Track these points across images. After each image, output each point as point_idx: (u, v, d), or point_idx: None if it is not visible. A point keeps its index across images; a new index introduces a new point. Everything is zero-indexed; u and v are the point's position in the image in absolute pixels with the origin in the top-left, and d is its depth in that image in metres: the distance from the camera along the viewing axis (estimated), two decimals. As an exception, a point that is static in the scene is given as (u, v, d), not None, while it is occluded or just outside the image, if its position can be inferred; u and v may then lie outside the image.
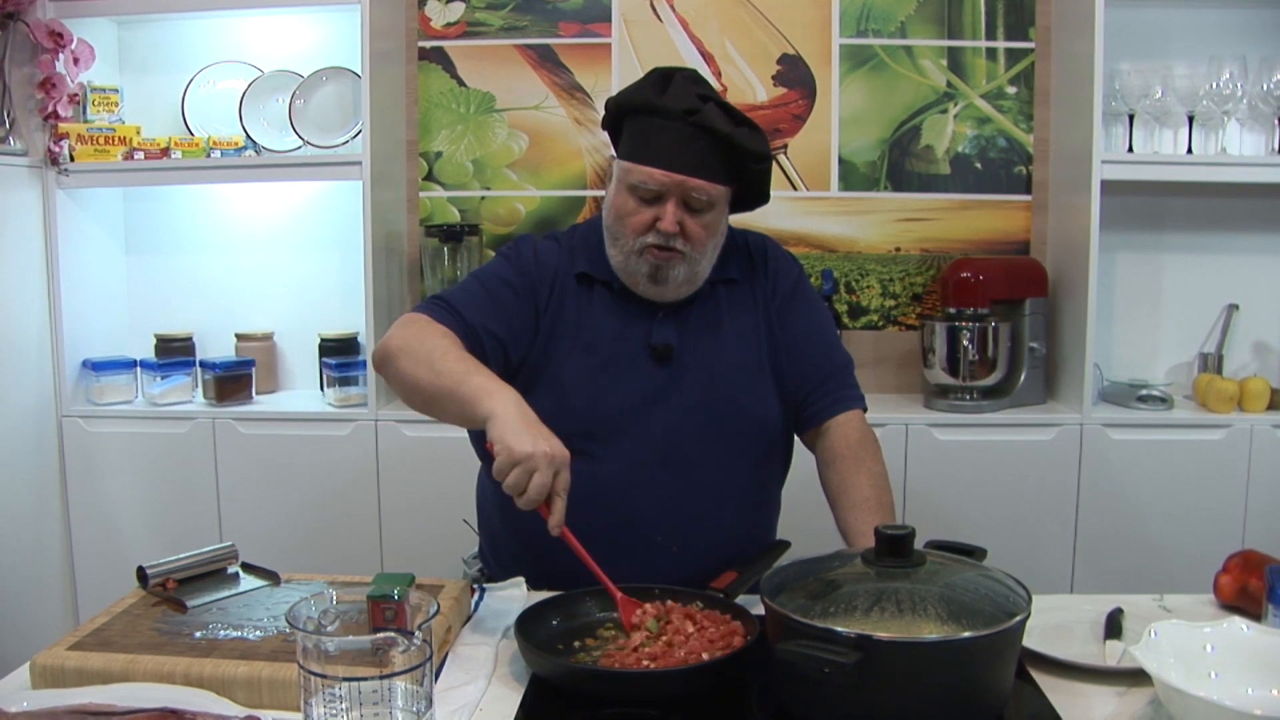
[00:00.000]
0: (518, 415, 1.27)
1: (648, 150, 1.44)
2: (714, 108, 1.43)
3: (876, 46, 2.65)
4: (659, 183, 1.43)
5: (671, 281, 1.49)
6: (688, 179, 1.42)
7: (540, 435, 1.26)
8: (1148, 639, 1.09)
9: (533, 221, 2.71)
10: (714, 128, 1.41)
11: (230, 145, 2.55)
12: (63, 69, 2.45)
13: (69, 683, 1.14)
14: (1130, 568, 2.39)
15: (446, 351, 1.39)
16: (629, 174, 1.46)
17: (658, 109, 1.43)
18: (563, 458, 1.26)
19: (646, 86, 1.46)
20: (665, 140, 1.43)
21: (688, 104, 1.42)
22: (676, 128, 1.42)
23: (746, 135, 1.44)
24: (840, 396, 1.58)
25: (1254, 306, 2.61)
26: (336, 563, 2.42)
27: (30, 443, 2.45)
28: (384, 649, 0.95)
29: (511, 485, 1.23)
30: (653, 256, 1.46)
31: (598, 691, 1.14)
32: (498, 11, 2.68)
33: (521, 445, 1.23)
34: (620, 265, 1.51)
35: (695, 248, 1.46)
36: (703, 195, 1.44)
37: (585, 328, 1.53)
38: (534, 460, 1.23)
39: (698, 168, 1.43)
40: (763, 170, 1.47)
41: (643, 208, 1.46)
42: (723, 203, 1.48)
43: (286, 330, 2.74)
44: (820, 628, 1.01)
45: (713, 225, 1.47)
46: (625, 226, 1.47)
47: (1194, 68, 2.41)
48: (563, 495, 1.25)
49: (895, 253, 2.69)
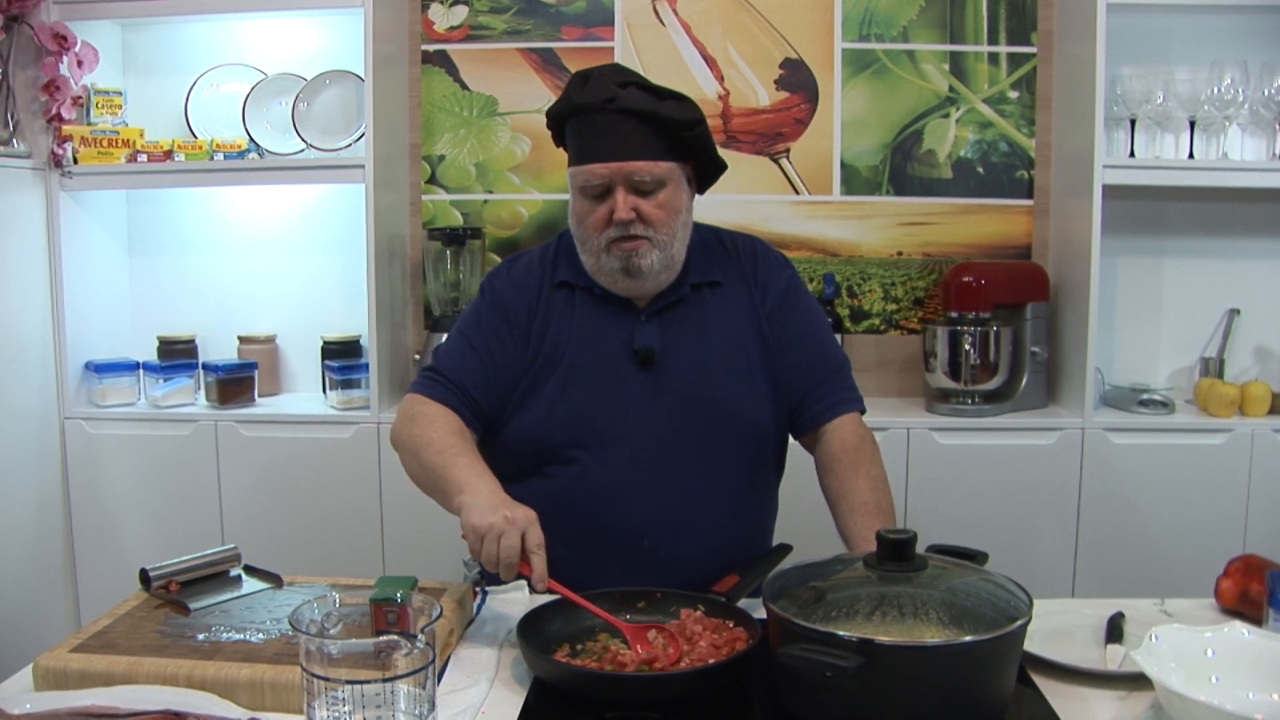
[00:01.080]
0: (482, 501, 1.31)
1: (583, 149, 1.48)
2: (634, 90, 1.45)
3: (879, 51, 2.65)
4: (601, 176, 1.46)
5: (647, 272, 1.49)
6: (624, 164, 1.45)
7: (502, 506, 1.29)
8: (1149, 643, 1.09)
9: (535, 225, 2.72)
10: (634, 108, 1.44)
11: (233, 148, 2.56)
12: (67, 72, 2.46)
13: (72, 685, 1.14)
14: (1131, 572, 2.39)
15: (429, 444, 1.45)
16: (575, 177, 1.50)
17: (580, 106, 1.46)
18: (526, 519, 1.28)
19: (569, 90, 1.50)
20: (594, 134, 1.46)
21: (606, 93, 1.44)
22: (601, 119, 1.45)
23: (672, 107, 1.46)
24: (837, 399, 1.58)
25: (1255, 311, 2.61)
26: (338, 565, 2.42)
27: (32, 445, 2.45)
28: (387, 652, 0.95)
29: (487, 559, 1.27)
30: (619, 250, 1.47)
31: (600, 695, 1.14)
32: (501, 15, 2.69)
33: (482, 520, 1.27)
34: (595, 269, 1.52)
35: (658, 230, 1.47)
36: (646, 175, 1.46)
37: (569, 335, 1.54)
38: (495, 528, 1.26)
39: (632, 150, 1.45)
40: (698, 135, 1.48)
41: (596, 205, 1.48)
42: (674, 180, 1.49)
43: (289, 333, 2.75)
44: (822, 631, 1.02)
45: (669, 204, 1.48)
46: (587, 229, 1.50)
47: (1195, 73, 2.41)
48: (538, 552, 1.27)
49: (897, 257, 2.70)
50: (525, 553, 1.27)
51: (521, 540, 1.26)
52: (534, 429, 1.51)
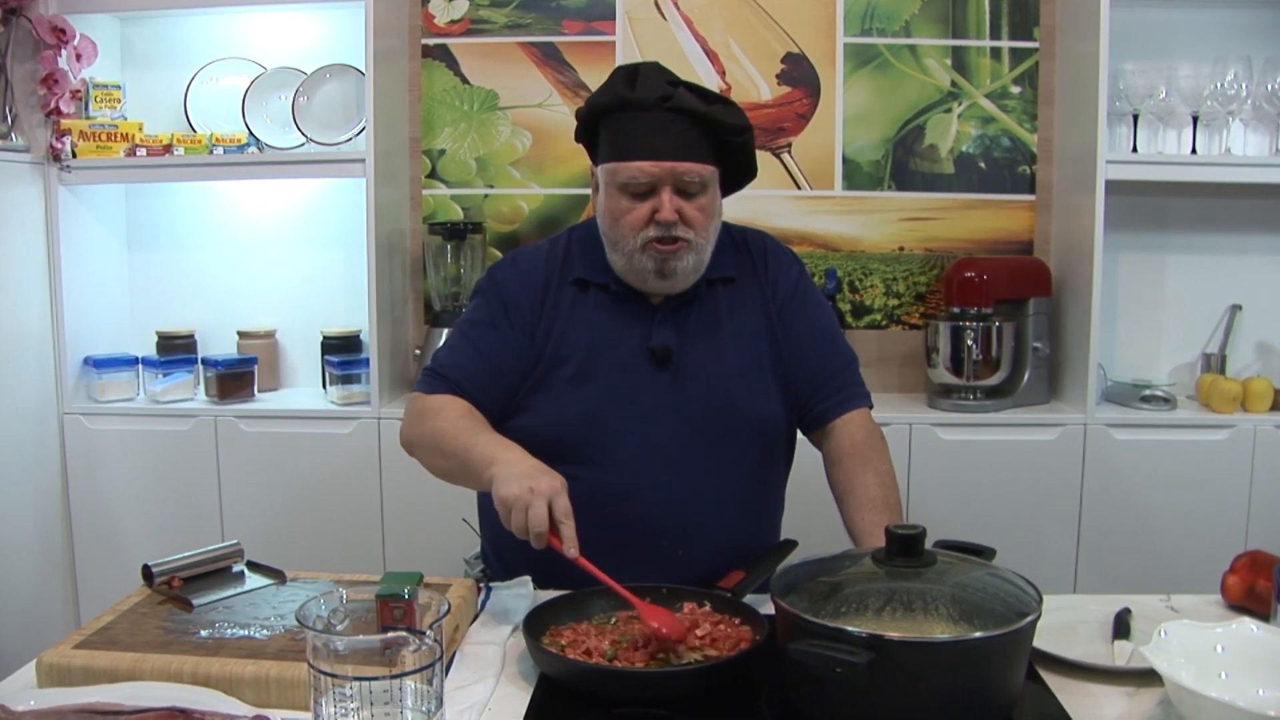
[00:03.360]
0: (512, 470, 1.31)
1: (631, 145, 1.44)
2: (685, 91, 1.44)
3: (881, 46, 2.64)
4: (649, 174, 1.43)
5: (680, 274, 1.48)
6: (677, 164, 1.43)
7: (531, 474, 1.29)
8: (1158, 639, 1.09)
9: (536, 220, 2.71)
10: (691, 109, 1.42)
11: (233, 142, 2.55)
12: (65, 65, 2.45)
13: (75, 681, 1.13)
14: (1134, 567, 2.39)
15: (444, 434, 1.45)
16: (616, 174, 1.46)
17: (631, 102, 1.44)
18: (552, 488, 1.27)
19: (616, 84, 1.47)
20: (646, 131, 1.43)
21: (661, 91, 1.42)
22: (654, 117, 1.42)
23: (723, 111, 1.45)
24: (846, 395, 1.57)
25: (1257, 307, 2.61)
26: (338, 561, 2.41)
27: (31, 440, 2.44)
28: (394, 648, 0.95)
29: (518, 529, 1.27)
30: (656, 251, 1.46)
31: (608, 691, 1.14)
32: (501, 9, 2.67)
33: (508, 491, 1.27)
34: (625, 268, 1.50)
35: (698, 233, 1.46)
36: (694, 177, 1.44)
37: (582, 332, 1.52)
38: (521, 499, 1.26)
39: (684, 151, 1.43)
40: (744, 143, 1.48)
41: (636, 204, 1.45)
42: (714, 183, 1.48)
43: (289, 328, 2.74)
44: (832, 627, 1.01)
45: (708, 207, 1.47)
46: (623, 227, 1.47)
47: (1198, 68, 2.40)
48: (566, 521, 1.26)
49: (899, 252, 2.69)
50: (553, 523, 1.26)
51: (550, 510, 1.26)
52: (547, 426, 1.50)
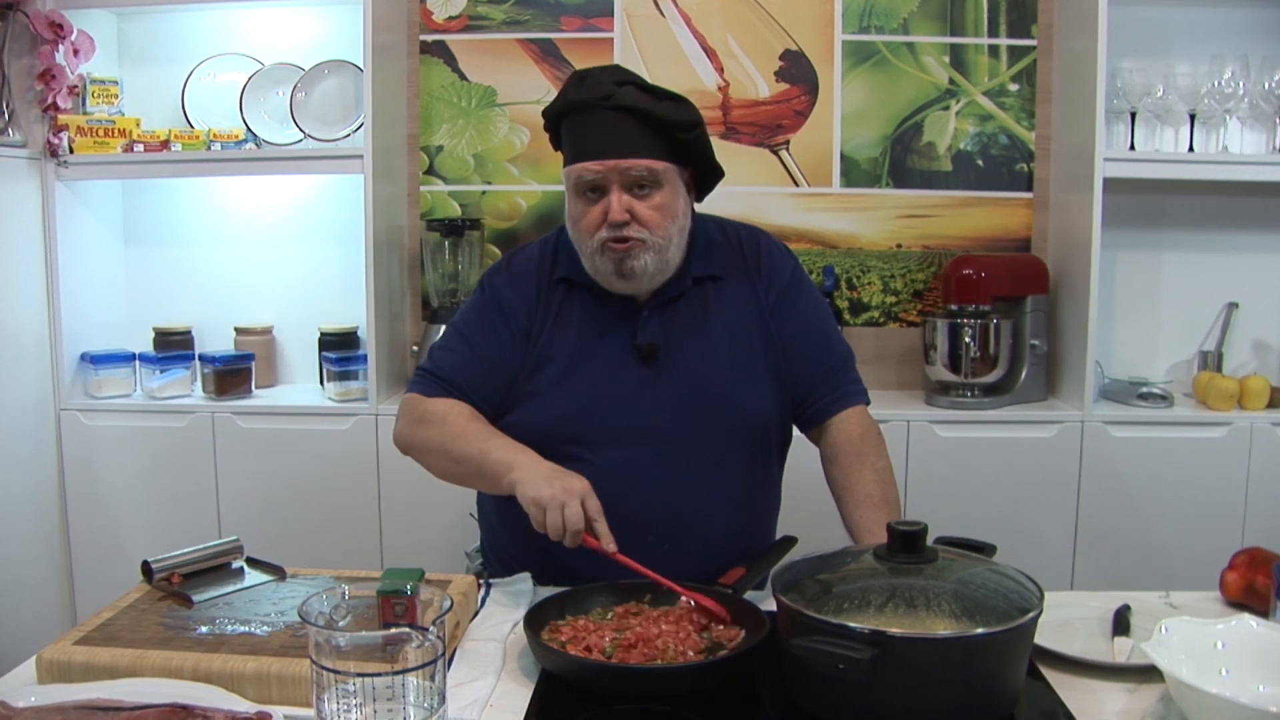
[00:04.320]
0: (536, 473, 1.37)
1: (579, 147, 1.46)
2: (632, 89, 1.44)
3: (879, 43, 2.64)
4: (595, 173, 1.44)
5: (640, 273, 1.47)
6: (619, 161, 1.43)
7: (555, 477, 1.35)
8: (1159, 635, 1.09)
9: (533, 216, 2.70)
10: (632, 106, 1.42)
11: (230, 138, 2.54)
12: (62, 60, 2.44)
13: (76, 678, 1.13)
14: (1131, 564, 2.39)
15: (453, 438, 1.49)
16: (569, 177, 1.48)
17: (576, 104, 1.45)
18: (583, 488, 1.33)
19: (566, 88, 1.48)
20: (590, 131, 1.44)
21: (602, 90, 1.43)
22: (597, 116, 1.43)
23: (669, 107, 1.44)
24: (843, 393, 1.57)
25: (1254, 305, 2.62)
26: (337, 557, 2.40)
27: (28, 436, 2.43)
28: (397, 644, 0.95)
29: (553, 528, 1.31)
30: (612, 252, 1.46)
31: (609, 687, 1.14)
32: (499, 5, 2.67)
33: (540, 492, 1.33)
34: (591, 271, 1.51)
35: (654, 231, 1.45)
36: (642, 172, 1.44)
37: (570, 331, 1.53)
38: (556, 499, 1.31)
39: (627, 148, 1.43)
40: (696, 138, 1.47)
41: (591, 205, 1.46)
42: (671, 182, 1.47)
43: (286, 324, 2.73)
44: (834, 624, 1.01)
45: (665, 206, 1.46)
46: (581, 230, 1.48)
47: (1196, 66, 2.41)
48: (600, 519, 1.32)
49: (896, 249, 2.69)
50: (587, 521, 1.31)
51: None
52: (536, 425, 1.50)
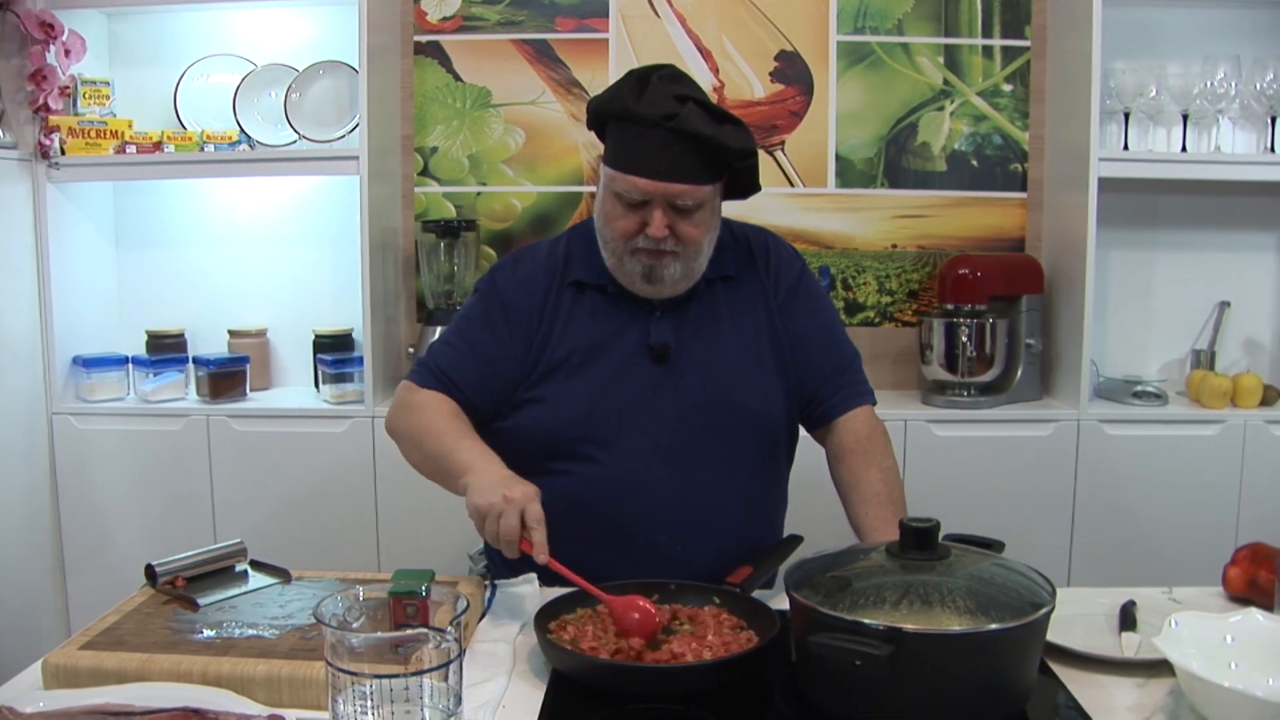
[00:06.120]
0: (486, 480, 1.33)
1: (629, 158, 1.42)
2: (694, 108, 1.39)
3: (874, 44, 2.65)
4: (642, 191, 1.42)
5: (667, 280, 1.48)
6: (671, 185, 1.40)
7: (502, 485, 1.30)
8: (1169, 630, 1.10)
9: (529, 217, 2.70)
10: (695, 131, 1.38)
11: (224, 139, 2.52)
12: (53, 61, 2.42)
13: (82, 683, 1.12)
14: (1127, 561, 2.41)
15: (428, 432, 1.48)
16: (613, 181, 1.45)
17: (634, 116, 1.40)
18: (525, 496, 1.29)
19: (623, 91, 1.43)
20: (645, 148, 1.40)
21: (665, 109, 1.38)
22: (655, 134, 1.39)
23: (730, 134, 1.41)
24: (850, 393, 1.58)
25: (1245, 303, 2.64)
26: (333, 560, 2.38)
27: (20, 441, 2.41)
28: (415, 646, 0.94)
29: (490, 536, 1.29)
30: (644, 258, 1.45)
31: (622, 686, 1.14)
32: (494, 6, 2.66)
33: (483, 500, 1.29)
34: (614, 268, 1.50)
35: (689, 247, 1.45)
36: (688, 200, 1.42)
37: (581, 332, 1.52)
38: (495, 507, 1.28)
39: (680, 173, 1.40)
40: (749, 166, 1.45)
41: (629, 214, 1.44)
42: (712, 200, 1.46)
43: (280, 326, 2.71)
44: (850, 620, 1.01)
45: (704, 223, 1.46)
46: (613, 232, 1.46)
47: (1188, 67, 2.43)
48: (537, 528, 1.28)
49: (892, 249, 2.70)
50: (525, 530, 1.28)
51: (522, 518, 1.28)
52: (546, 425, 1.49)
